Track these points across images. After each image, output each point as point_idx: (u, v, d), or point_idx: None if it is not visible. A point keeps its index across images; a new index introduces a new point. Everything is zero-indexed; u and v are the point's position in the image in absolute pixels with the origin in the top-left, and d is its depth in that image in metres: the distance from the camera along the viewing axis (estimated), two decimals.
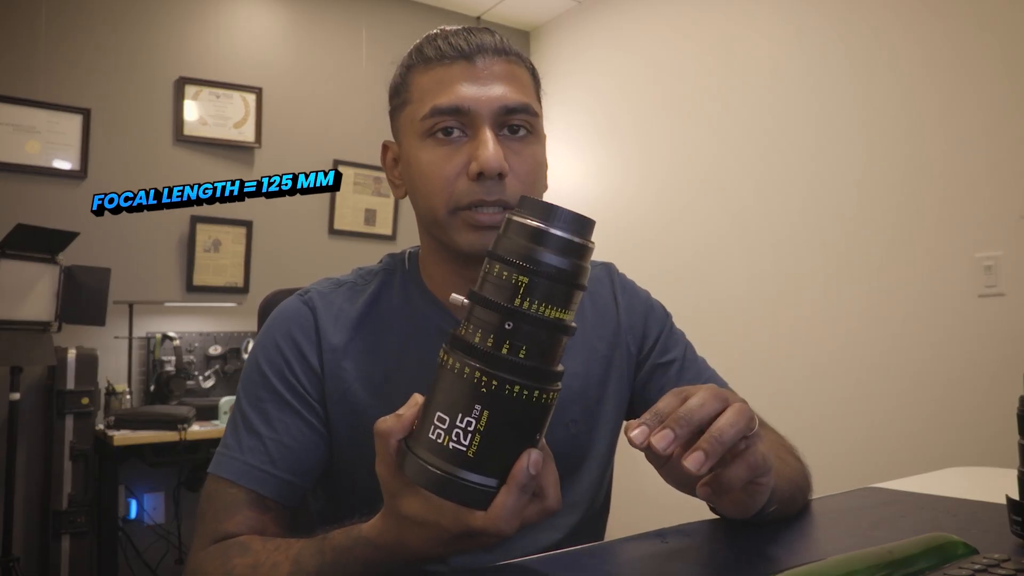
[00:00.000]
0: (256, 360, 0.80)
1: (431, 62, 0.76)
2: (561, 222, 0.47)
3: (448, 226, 0.75)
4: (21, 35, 2.74)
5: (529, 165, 0.76)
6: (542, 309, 0.47)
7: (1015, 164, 2.11)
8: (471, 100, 0.73)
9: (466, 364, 0.47)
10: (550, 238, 0.47)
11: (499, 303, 0.47)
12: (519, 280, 0.47)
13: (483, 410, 0.47)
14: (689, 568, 0.59)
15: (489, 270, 0.48)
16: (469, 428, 0.47)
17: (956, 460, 1.33)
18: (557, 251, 0.47)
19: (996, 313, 2.13)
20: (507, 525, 0.48)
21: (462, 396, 0.47)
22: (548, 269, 0.47)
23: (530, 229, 0.47)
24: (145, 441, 2.44)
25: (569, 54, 3.77)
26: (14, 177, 2.69)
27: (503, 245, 0.48)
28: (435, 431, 0.48)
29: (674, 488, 0.60)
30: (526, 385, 0.47)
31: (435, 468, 0.48)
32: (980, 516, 0.69)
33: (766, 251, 2.77)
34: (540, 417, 0.49)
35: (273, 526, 0.73)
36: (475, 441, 0.47)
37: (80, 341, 2.63)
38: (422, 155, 0.75)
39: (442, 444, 0.48)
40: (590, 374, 0.85)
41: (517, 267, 0.47)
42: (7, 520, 2.29)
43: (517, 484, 0.48)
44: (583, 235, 0.48)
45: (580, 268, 0.48)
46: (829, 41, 2.60)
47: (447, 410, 0.48)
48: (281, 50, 3.30)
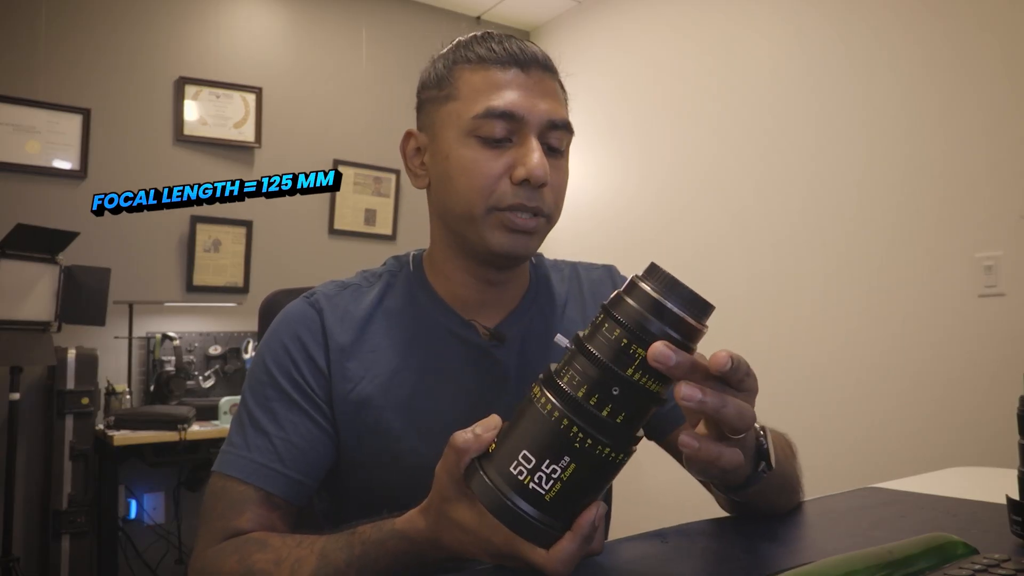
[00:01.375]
0: (263, 361, 0.80)
1: (484, 62, 0.77)
2: (682, 300, 0.49)
3: (483, 224, 0.76)
4: (21, 35, 2.74)
5: (562, 180, 0.80)
6: (649, 383, 0.49)
7: (1015, 164, 2.11)
8: (524, 108, 0.75)
9: (565, 415, 0.49)
10: (668, 314, 0.49)
11: (613, 368, 0.48)
12: (636, 351, 0.48)
13: (571, 463, 0.49)
14: (689, 568, 0.59)
15: (603, 326, 0.50)
16: (553, 475, 0.49)
17: (956, 460, 1.33)
18: (672, 327, 0.49)
19: (996, 313, 2.13)
20: (564, 568, 0.51)
21: (554, 444, 0.49)
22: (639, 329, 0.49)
23: (652, 300, 0.49)
24: (145, 441, 2.43)
25: (569, 54, 3.77)
26: (14, 177, 2.69)
27: (624, 307, 0.49)
28: (518, 467, 0.50)
29: (693, 474, 0.60)
30: (615, 447, 0.49)
31: (508, 500, 0.50)
32: (980, 516, 0.69)
33: (766, 251, 2.77)
34: (615, 474, 0.52)
35: (281, 524, 0.74)
36: (555, 488, 0.49)
37: (80, 341, 2.63)
38: (466, 151, 0.76)
39: (522, 482, 0.50)
40: None
41: (637, 337, 0.48)
42: (7, 520, 2.29)
43: (583, 535, 0.50)
44: (699, 318, 0.50)
45: (689, 350, 0.50)
46: (829, 41, 2.60)
47: (535, 452, 0.50)
48: (281, 50, 3.30)
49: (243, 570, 0.66)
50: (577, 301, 0.90)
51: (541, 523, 0.50)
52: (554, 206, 0.79)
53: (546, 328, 0.86)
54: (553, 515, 0.50)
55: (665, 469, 1.59)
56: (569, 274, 0.93)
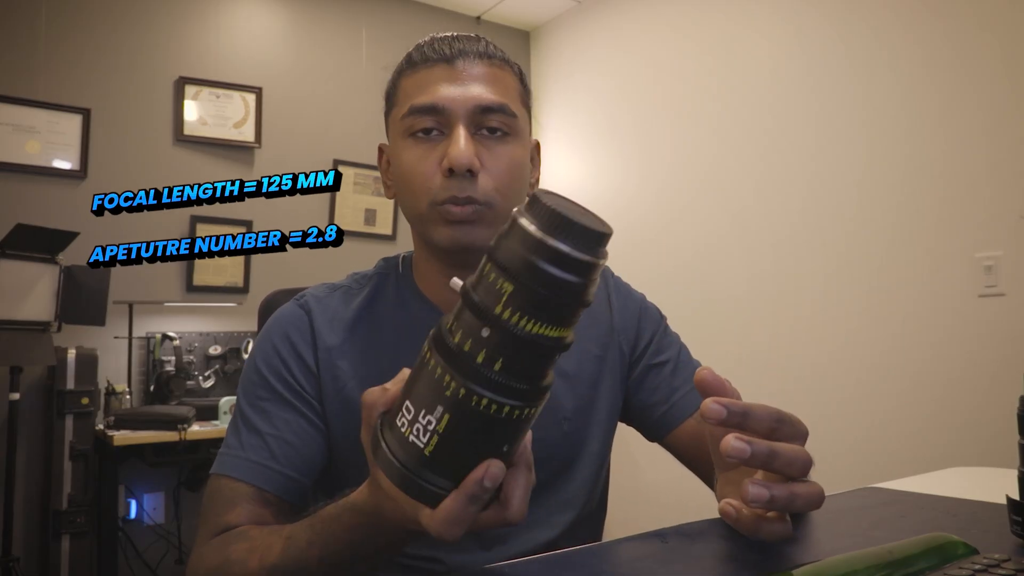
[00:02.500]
0: (254, 363, 0.82)
1: (416, 66, 0.79)
2: (564, 234, 0.41)
3: (427, 221, 0.78)
4: (21, 35, 2.74)
5: (504, 164, 0.78)
6: (525, 323, 0.42)
7: (1015, 164, 2.11)
8: (447, 99, 0.76)
9: (439, 363, 0.45)
10: (547, 250, 0.41)
11: (481, 307, 0.43)
12: (503, 287, 0.42)
13: (444, 413, 0.45)
14: (689, 568, 0.58)
15: (483, 269, 0.44)
16: (429, 427, 0.45)
17: (956, 460, 1.33)
18: (555, 264, 0.41)
19: (996, 313, 2.13)
20: (448, 530, 0.47)
21: (428, 393, 0.45)
22: (541, 281, 0.41)
23: (528, 236, 0.42)
24: (145, 441, 2.43)
25: (569, 54, 3.77)
26: (14, 177, 2.69)
27: (502, 247, 0.43)
28: (401, 419, 0.47)
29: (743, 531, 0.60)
30: (495, 399, 0.44)
31: (393, 456, 0.47)
32: (980, 516, 0.69)
33: (766, 251, 2.77)
34: (509, 431, 0.46)
35: (274, 521, 0.74)
36: (433, 441, 0.45)
37: (80, 341, 2.63)
38: (404, 153, 0.79)
39: (404, 434, 0.46)
40: (582, 373, 0.87)
41: (505, 273, 0.42)
42: (7, 520, 2.29)
43: (465, 493, 0.46)
44: (591, 251, 0.42)
45: (581, 285, 0.42)
46: (829, 41, 2.60)
47: (414, 402, 0.46)
48: (281, 50, 3.30)
49: (221, 560, 0.67)
50: None
51: (422, 479, 0.46)
52: (494, 191, 0.76)
53: None
54: (436, 472, 0.46)
55: (665, 468, 1.58)
56: None
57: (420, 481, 0.46)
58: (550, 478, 0.83)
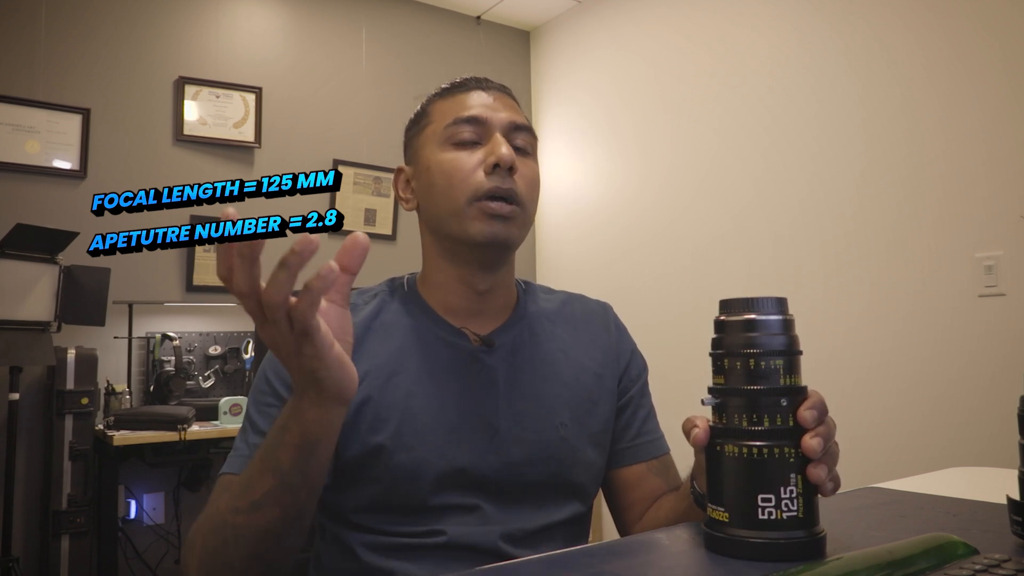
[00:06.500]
0: (264, 374, 0.86)
1: (452, 91, 0.91)
2: (770, 308, 0.63)
3: (464, 216, 0.84)
4: (21, 35, 2.74)
5: (530, 177, 0.88)
6: (797, 380, 0.63)
7: (1015, 164, 2.11)
8: (487, 114, 0.87)
9: (777, 446, 0.57)
10: (771, 324, 0.62)
11: (777, 386, 0.61)
12: (776, 364, 0.61)
13: (797, 476, 0.57)
14: (689, 568, 0.58)
15: (724, 365, 0.61)
16: (793, 495, 0.57)
17: (956, 460, 1.33)
18: (781, 333, 0.63)
19: (996, 313, 2.13)
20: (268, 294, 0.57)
21: (781, 472, 0.57)
22: (784, 348, 0.62)
23: (752, 322, 0.61)
24: (145, 441, 2.43)
25: (569, 54, 3.77)
26: (14, 177, 2.69)
27: (730, 341, 0.62)
28: (764, 512, 0.56)
29: None
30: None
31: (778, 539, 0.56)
32: (980, 516, 0.69)
33: (766, 251, 2.77)
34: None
35: None
36: (801, 504, 0.57)
37: (80, 341, 2.63)
38: (444, 156, 0.86)
39: (777, 520, 0.56)
40: (580, 385, 0.91)
41: (776, 353, 0.61)
42: (7, 520, 2.29)
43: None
44: (783, 311, 0.63)
45: (796, 339, 0.64)
46: (829, 41, 2.60)
47: (769, 489, 0.57)
48: (281, 50, 3.30)
49: (213, 511, 0.71)
50: (569, 324, 0.96)
51: (800, 539, 0.57)
52: (527, 195, 0.86)
53: (535, 340, 0.91)
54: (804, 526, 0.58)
55: None
56: (563, 298, 0.99)
57: (799, 541, 0.57)
58: (549, 478, 0.87)
